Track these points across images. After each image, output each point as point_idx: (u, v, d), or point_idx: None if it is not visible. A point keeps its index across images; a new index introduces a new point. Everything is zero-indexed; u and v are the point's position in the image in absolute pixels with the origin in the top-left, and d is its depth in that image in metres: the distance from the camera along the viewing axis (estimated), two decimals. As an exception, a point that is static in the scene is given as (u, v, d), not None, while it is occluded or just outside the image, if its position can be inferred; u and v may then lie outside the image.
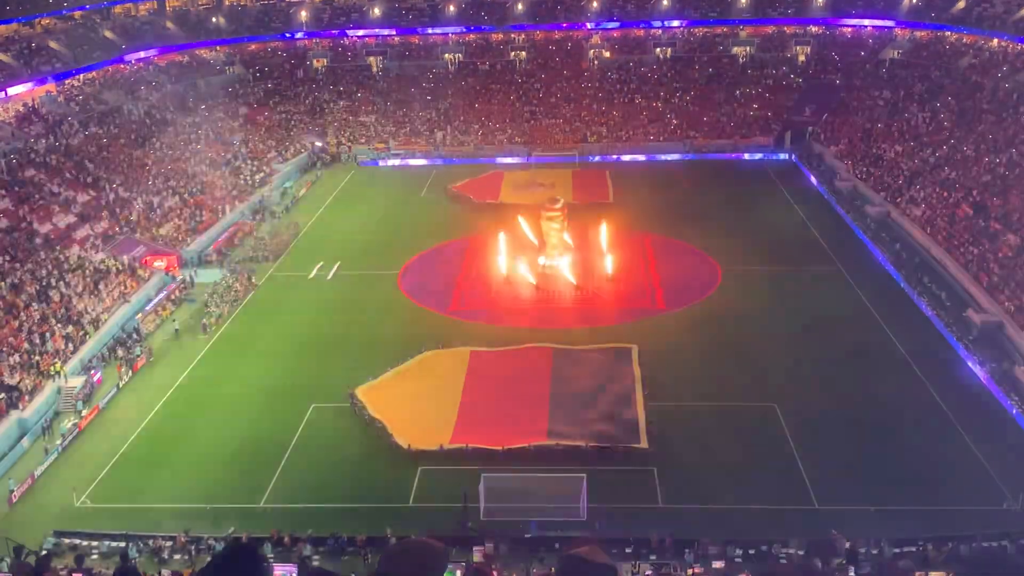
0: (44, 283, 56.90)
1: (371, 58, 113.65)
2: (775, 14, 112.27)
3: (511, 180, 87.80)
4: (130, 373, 52.46)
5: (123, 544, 36.71)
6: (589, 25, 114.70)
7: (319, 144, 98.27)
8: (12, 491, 41.02)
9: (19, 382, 47.72)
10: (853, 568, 33.19)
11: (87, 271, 60.04)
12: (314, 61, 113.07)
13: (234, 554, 7.20)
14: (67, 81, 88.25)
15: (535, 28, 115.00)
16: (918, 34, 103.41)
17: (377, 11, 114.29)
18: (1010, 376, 47.75)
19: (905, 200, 72.44)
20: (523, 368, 51.10)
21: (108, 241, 65.44)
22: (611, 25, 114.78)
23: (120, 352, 54.37)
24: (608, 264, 64.00)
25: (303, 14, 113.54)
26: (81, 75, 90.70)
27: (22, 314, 53.18)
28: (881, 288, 61.06)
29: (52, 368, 49.89)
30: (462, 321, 58.38)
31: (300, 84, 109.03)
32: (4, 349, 49.61)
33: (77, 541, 37.03)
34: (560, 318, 58.76)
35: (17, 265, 57.52)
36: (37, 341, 51.51)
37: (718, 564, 34.28)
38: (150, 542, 36.85)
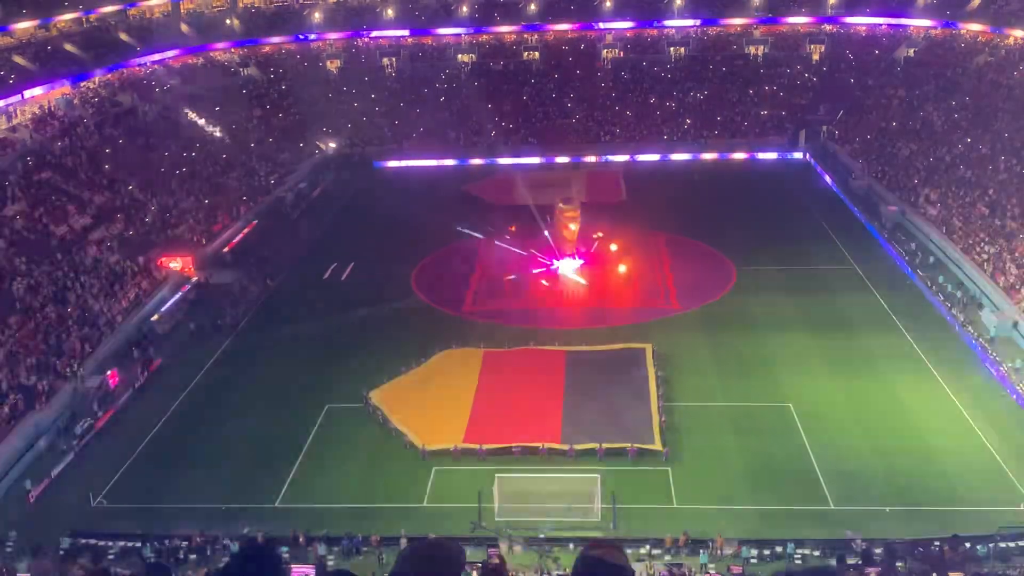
0: (60, 285, 57.21)
1: (384, 59, 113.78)
2: (789, 13, 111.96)
3: (524, 181, 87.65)
4: (146, 374, 52.69)
5: (139, 544, 36.87)
6: (602, 25, 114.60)
7: (333, 145, 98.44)
8: (29, 491, 41.27)
9: (36, 383, 47.97)
10: (868, 568, 33.17)
11: (103, 272, 60.33)
12: (328, 62, 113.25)
13: (250, 554, 7.21)
14: (83, 83, 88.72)
15: (548, 28, 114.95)
16: (933, 32, 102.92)
17: (390, 12, 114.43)
18: (1027, 376, 47.50)
19: (920, 199, 72.06)
20: (537, 368, 51.05)
21: (124, 243, 65.68)
22: (624, 25, 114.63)
23: (136, 353, 54.61)
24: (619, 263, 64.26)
25: (317, 15, 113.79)
26: (96, 77, 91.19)
27: (38, 315, 53.50)
28: (896, 287, 60.75)
29: (68, 369, 50.14)
30: (476, 321, 58.40)
31: (314, 85, 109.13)
32: (21, 350, 49.92)
33: (94, 541, 37.22)
34: (574, 318, 58.70)
35: (33, 267, 57.86)
36: (53, 342, 51.78)
37: (735, 569, 34.18)
38: (166, 542, 37.00)
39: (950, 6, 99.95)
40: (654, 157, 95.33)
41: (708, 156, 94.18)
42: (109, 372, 51.40)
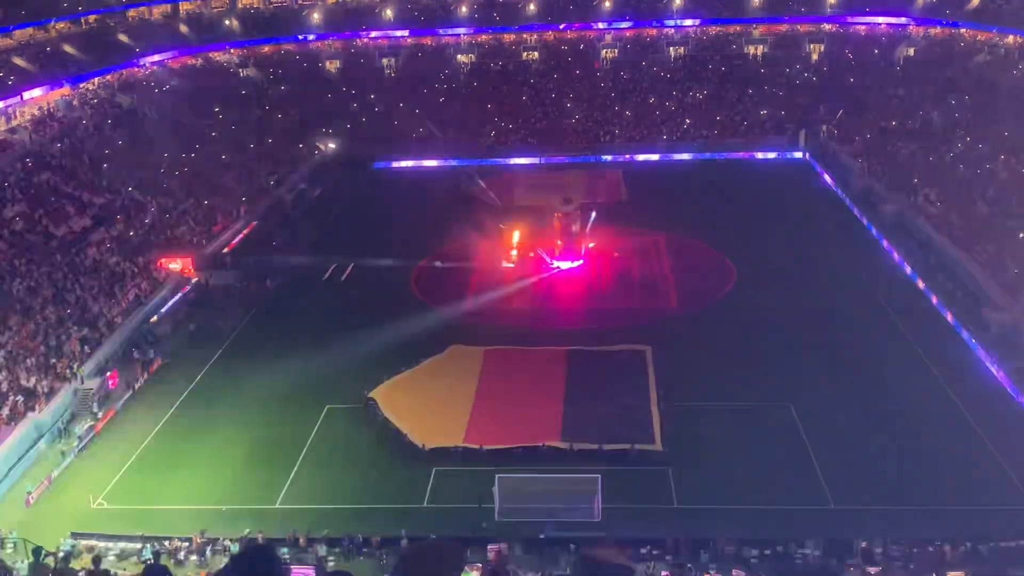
0: (60, 286, 57.20)
1: (384, 59, 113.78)
2: (788, 12, 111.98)
3: (524, 181, 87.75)
4: (146, 375, 52.69)
5: (139, 545, 36.89)
6: (601, 25, 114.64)
7: (332, 146, 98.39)
8: (29, 493, 41.25)
9: (35, 384, 47.95)
10: (868, 568, 33.17)
11: (103, 274, 60.32)
12: (327, 63, 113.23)
13: (250, 555, 7.22)
14: (82, 85, 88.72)
15: (547, 28, 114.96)
16: (932, 31, 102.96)
17: (389, 13, 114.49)
18: (1027, 375, 47.43)
19: (920, 198, 72.05)
20: (538, 368, 51.04)
21: (123, 244, 65.68)
22: (623, 25, 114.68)
23: (136, 354, 54.60)
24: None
25: (316, 16, 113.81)
26: (96, 78, 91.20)
27: (38, 317, 53.48)
28: (897, 287, 60.74)
29: (68, 371, 50.12)
30: (476, 322, 58.37)
31: (313, 86, 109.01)
32: (20, 352, 49.89)
33: (94, 543, 37.22)
34: (575, 318, 58.68)
35: (33, 268, 57.84)
36: (53, 344, 51.77)
37: (738, 573, 34.08)
38: (166, 543, 36.99)
39: (950, 6, 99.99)
40: (654, 157, 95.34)
41: (707, 156, 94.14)
42: (109, 373, 51.39)
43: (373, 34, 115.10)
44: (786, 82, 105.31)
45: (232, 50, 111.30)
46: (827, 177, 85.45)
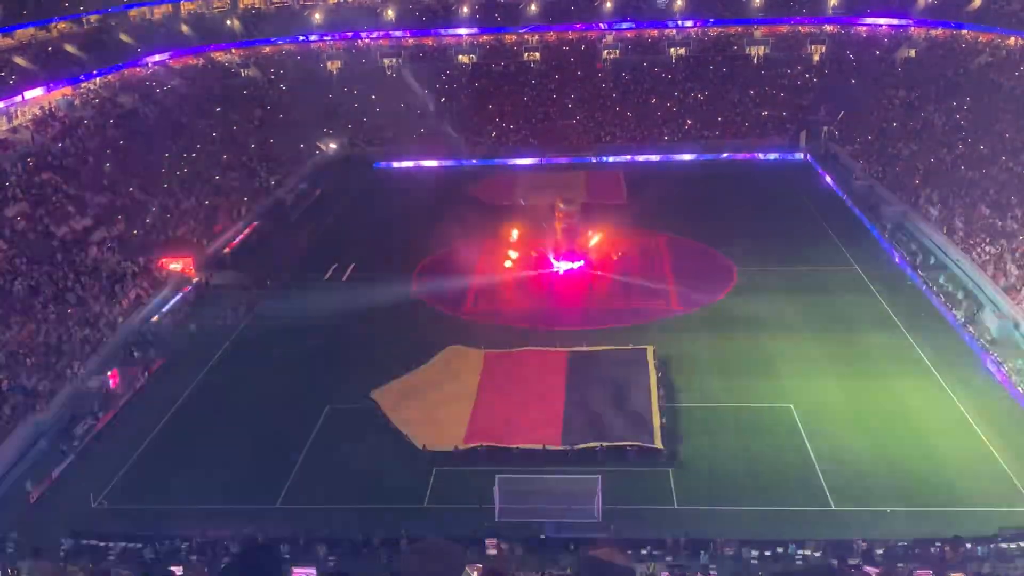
0: (61, 285, 57.20)
1: (385, 60, 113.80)
2: (790, 14, 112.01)
3: (525, 181, 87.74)
4: (146, 375, 52.69)
5: (140, 545, 36.87)
6: (603, 26, 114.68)
7: (333, 146, 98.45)
8: (30, 492, 41.25)
9: (36, 384, 47.97)
10: (869, 568, 33.19)
11: (103, 273, 60.32)
12: (328, 63, 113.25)
13: (251, 555, 7.23)
14: (83, 84, 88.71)
15: (549, 29, 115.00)
16: (934, 33, 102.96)
17: (391, 13, 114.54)
18: (1028, 376, 47.42)
19: (921, 200, 72.04)
20: (538, 369, 50.99)
21: (124, 244, 65.69)
22: (625, 26, 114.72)
23: (136, 354, 54.60)
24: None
25: (317, 16, 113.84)
26: (97, 78, 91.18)
27: (39, 316, 53.50)
28: (897, 288, 60.73)
29: (69, 370, 50.11)
30: (477, 323, 58.38)
31: (314, 86, 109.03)
32: (21, 351, 49.92)
33: (94, 542, 37.20)
34: (575, 319, 58.63)
35: (34, 267, 57.86)
36: (54, 343, 51.77)
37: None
38: (166, 543, 36.97)
39: (951, 7, 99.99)
40: (654, 157, 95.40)
41: (708, 156, 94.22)
42: (110, 373, 51.42)
43: (374, 34, 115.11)
44: (787, 83, 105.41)
45: (233, 50, 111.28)
46: (828, 178, 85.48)
